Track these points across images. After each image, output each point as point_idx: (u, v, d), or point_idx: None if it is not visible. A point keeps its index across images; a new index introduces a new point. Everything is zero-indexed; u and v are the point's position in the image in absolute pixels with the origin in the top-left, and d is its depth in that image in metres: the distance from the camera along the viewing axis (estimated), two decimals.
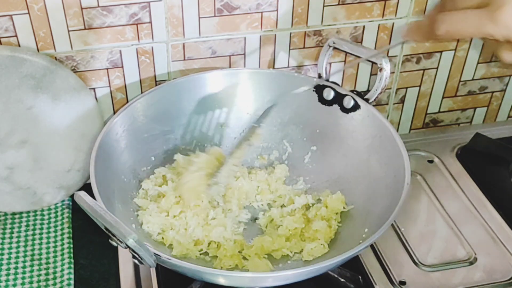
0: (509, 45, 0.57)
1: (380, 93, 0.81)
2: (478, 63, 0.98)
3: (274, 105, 0.85)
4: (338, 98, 0.84)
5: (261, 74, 0.88)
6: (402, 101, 1.00)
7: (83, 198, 0.64)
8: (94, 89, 0.87)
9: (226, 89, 0.88)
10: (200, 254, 0.77)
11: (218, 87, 0.88)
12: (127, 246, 0.62)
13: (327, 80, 0.86)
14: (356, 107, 0.83)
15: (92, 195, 0.68)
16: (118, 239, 0.63)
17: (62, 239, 0.84)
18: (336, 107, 0.85)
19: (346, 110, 0.84)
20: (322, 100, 0.86)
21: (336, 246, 0.78)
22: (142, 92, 0.89)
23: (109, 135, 0.79)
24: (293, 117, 0.88)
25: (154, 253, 0.64)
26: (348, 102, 0.83)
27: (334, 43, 0.85)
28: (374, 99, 0.82)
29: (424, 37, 0.63)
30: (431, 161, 0.97)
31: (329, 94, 0.85)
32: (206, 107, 0.88)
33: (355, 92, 0.83)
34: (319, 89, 0.86)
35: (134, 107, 0.83)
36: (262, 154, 0.90)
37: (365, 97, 0.82)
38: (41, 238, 0.84)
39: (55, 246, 0.83)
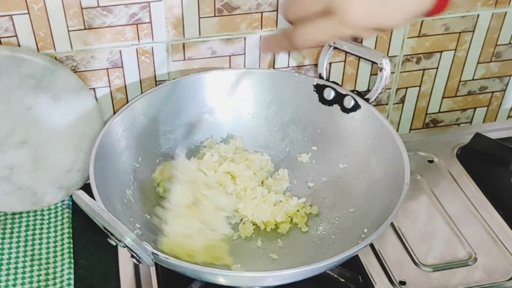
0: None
1: (381, 93, 0.81)
2: (478, 63, 0.98)
3: None
4: (339, 98, 0.84)
5: (261, 74, 0.88)
6: (402, 101, 1.00)
7: (81, 197, 0.64)
8: (94, 89, 0.87)
9: (226, 89, 0.88)
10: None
11: (218, 87, 0.88)
12: (125, 245, 0.62)
13: (328, 80, 0.86)
14: (356, 107, 0.83)
15: (91, 195, 0.68)
16: (116, 238, 0.63)
17: (62, 239, 0.84)
18: (336, 107, 0.85)
19: (346, 110, 0.84)
20: (323, 100, 0.86)
21: (335, 246, 0.78)
22: (142, 92, 0.89)
23: (109, 135, 0.79)
24: (294, 117, 0.89)
25: (152, 252, 0.64)
26: (349, 102, 0.84)
27: (334, 42, 0.85)
28: (375, 99, 0.82)
29: (283, 49, 0.68)
30: (431, 161, 0.97)
31: (329, 94, 0.85)
32: (206, 107, 0.88)
33: (355, 92, 0.84)
34: (319, 89, 0.86)
35: (134, 107, 0.83)
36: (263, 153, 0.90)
37: (366, 97, 0.82)
38: (41, 238, 0.84)
39: (55, 246, 0.83)
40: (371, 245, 0.82)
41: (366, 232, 0.74)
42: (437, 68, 0.97)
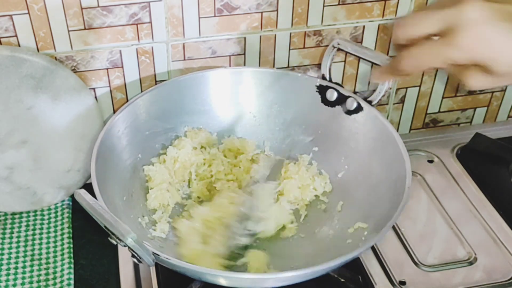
0: (475, 69, 0.58)
1: (383, 95, 0.81)
2: None
3: None
4: (341, 100, 0.84)
5: (264, 73, 0.88)
6: (402, 101, 1.00)
7: (83, 196, 0.64)
8: (94, 89, 0.87)
9: (228, 88, 0.88)
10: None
11: (220, 85, 0.88)
12: (126, 245, 0.62)
13: (330, 81, 0.86)
14: (359, 109, 0.83)
15: (92, 194, 0.68)
16: (117, 238, 0.63)
17: (62, 239, 0.84)
18: (339, 108, 0.85)
19: (348, 112, 0.84)
20: (325, 101, 0.86)
21: (336, 248, 0.78)
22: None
23: (111, 132, 0.79)
24: (296, 117, 0.88)
25: (153, 252, 0.64)
26: (351, 104, 0.83)
27: (338, 44, 0.85)
28: (377, 102, 0.82)
29: (393, 75, 0.65)
30: (431, 161, 0.97)
31: (332, 95, 0.85)
32: (208, 105, 0.88)
33: (358, 94, 0.83)
34: (322, 90, 0.86)
35: (136, 105, 0.83)
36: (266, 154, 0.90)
37: (368, 99, 0.82)
38: (41, 238, 0.84)
39: (55, 246, 0.83)
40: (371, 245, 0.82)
41: (366, 235, 0.74)
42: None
